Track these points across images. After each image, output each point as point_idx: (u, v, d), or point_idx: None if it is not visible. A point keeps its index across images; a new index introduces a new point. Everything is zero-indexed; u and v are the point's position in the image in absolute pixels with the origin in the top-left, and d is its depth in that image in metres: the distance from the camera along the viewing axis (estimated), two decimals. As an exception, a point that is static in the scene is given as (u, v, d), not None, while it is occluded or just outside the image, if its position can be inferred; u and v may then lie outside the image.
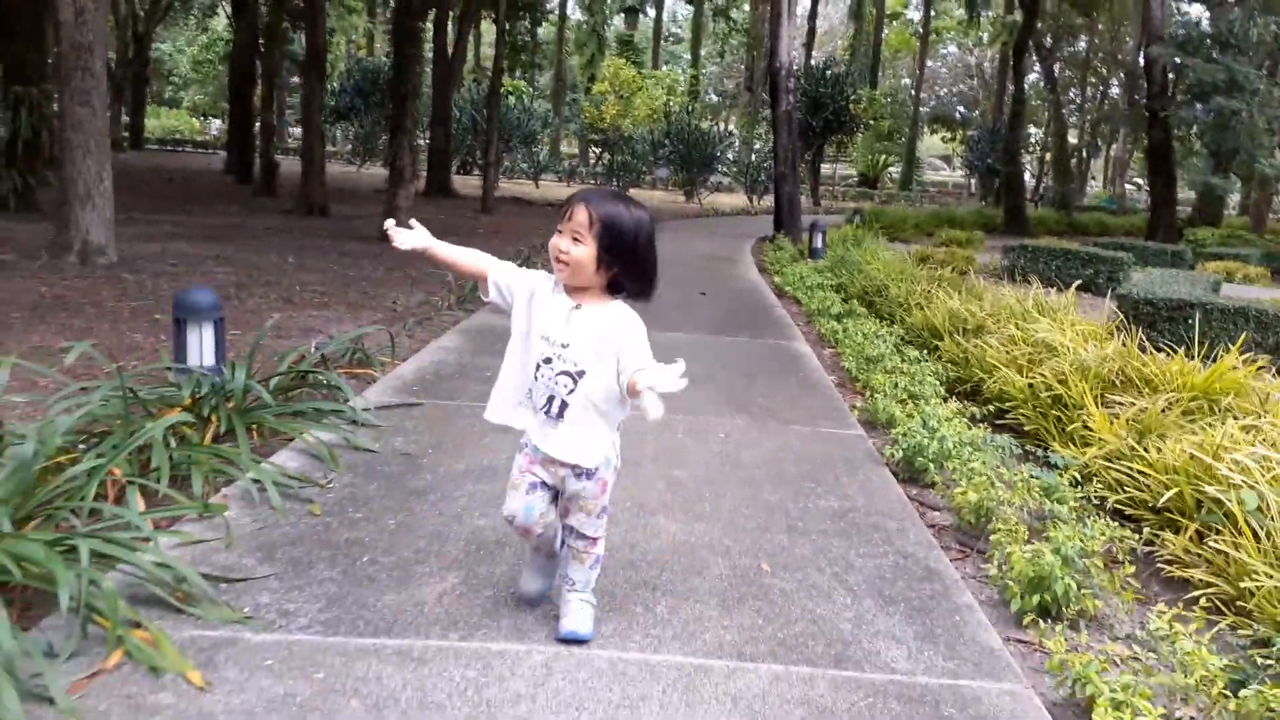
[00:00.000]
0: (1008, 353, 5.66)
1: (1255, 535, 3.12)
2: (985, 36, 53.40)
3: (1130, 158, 44.67)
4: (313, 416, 4.30)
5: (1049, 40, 33.95)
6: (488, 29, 44.36)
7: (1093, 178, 65.37)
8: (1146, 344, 5.40)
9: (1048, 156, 41.82)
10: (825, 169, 57.13)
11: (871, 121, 44.78)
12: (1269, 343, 7.77)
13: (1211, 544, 3.25)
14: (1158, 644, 2.68)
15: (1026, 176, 42.89)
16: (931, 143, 69.77)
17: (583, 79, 55.53)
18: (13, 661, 2.10)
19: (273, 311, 7.42)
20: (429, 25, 21.29)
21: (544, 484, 2.48)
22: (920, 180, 60.96)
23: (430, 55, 23.29)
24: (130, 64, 39.33)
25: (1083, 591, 2.98)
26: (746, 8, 48.85)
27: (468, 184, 30.14)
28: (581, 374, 2.38)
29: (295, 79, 36.43)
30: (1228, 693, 2.37)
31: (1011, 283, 11.73)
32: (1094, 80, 49.94)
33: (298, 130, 39.53)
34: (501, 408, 2.52)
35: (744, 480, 4.12)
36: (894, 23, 62.91)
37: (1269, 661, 2.57)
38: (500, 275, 2.51)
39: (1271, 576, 2.87)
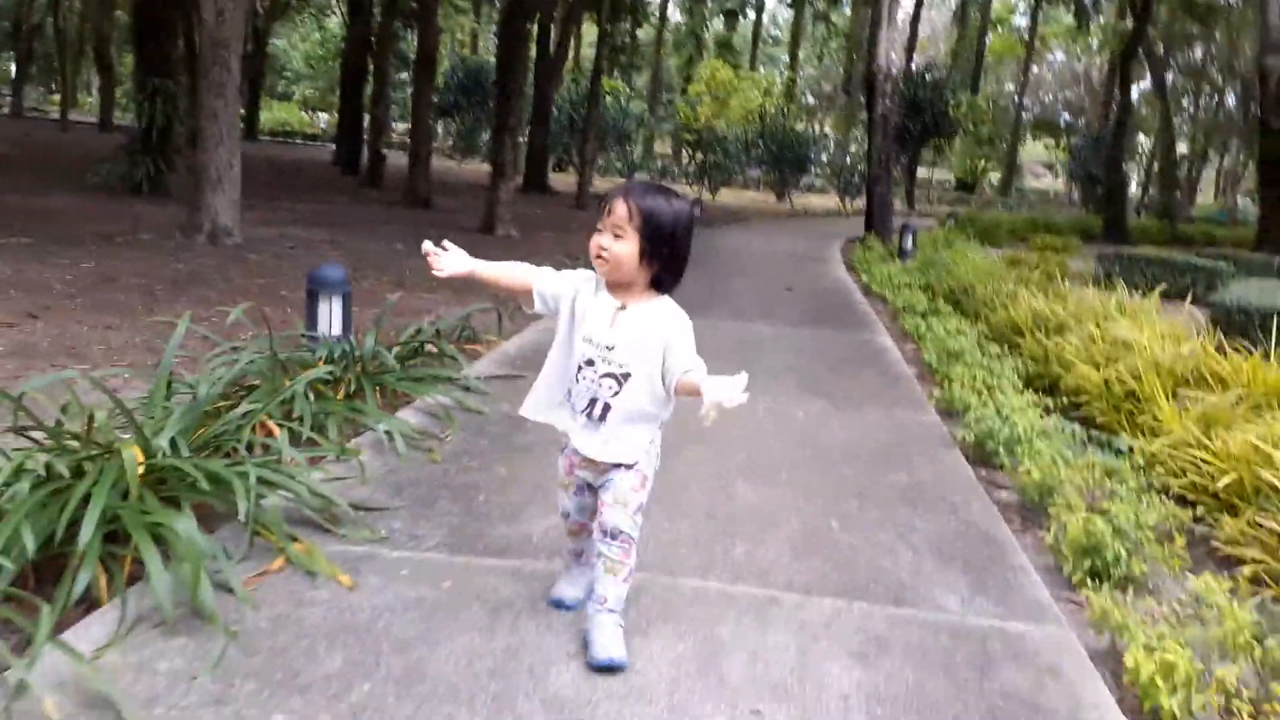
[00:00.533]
0: (1085, 350, 5.83)
1: (1305, 518, 3.31)
2: (1094, 43, 52.14)
3: (1244, 170, 43.09)
4: (429, 382, 4.76)
5: (1160, 48, 33.03)
6: (588, 29, 45.14)
7: (1202, 190, 63.07)
8: (1225, 345, 5.50)
9: (1155, 166, 40.63)
10: (923, 173, 56.42)
11: (971, 127, 44.20)
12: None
13: (1266, 525, 3.45)
14: (1198, 605, 2.92)
15: (1133, 186, 41.83)
16: (1034, 149, 68.23)
17: (679, 80, 55.93)
18: (202, 558, 2.55)
19: (386, 293, 7.97)
20: (533, 26, 21.92)
21: (588, 485, 2.45)
22: (1021, 187, 59.73)
23: (533, 54, 23.97)
24: (249, 58, 41.14)
25: (1132, 560, 3.22)
26: (848, 12, 48.56)
27: (563, 181, 30.81)
28: (627, 376, 2.32)
29: (402, 75, 37.60)
30: (1255, 640, 2.60)
31: (1103, 290, 11.68)
32: (1209, 90, 48.34)
33: (402, 125, 40.89)
34: (539, 406, 2.48)
35: (819, 457, 4.43)
36: (1000, 28, 61.66)
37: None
38: (542, 284, 2.43)
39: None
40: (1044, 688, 2.50)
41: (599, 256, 2.29)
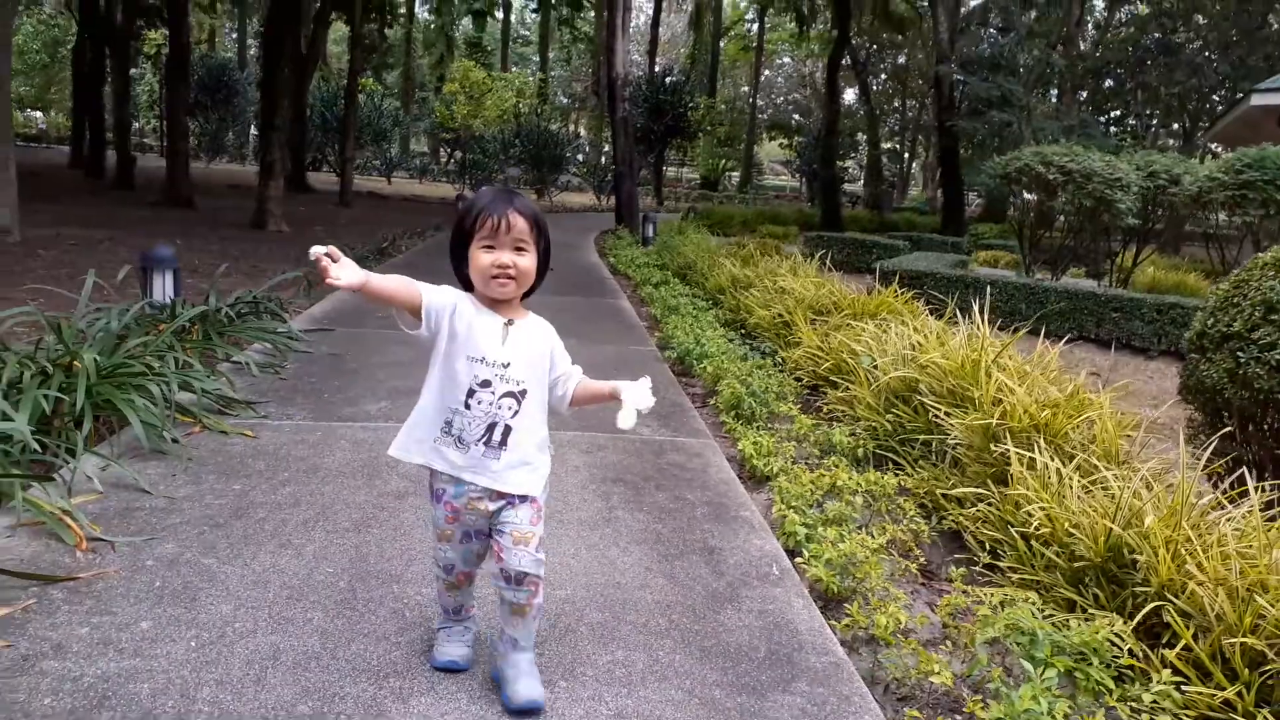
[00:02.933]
0: (763, 298, 7.85)
1: (867, 380, 5.29)
2: (816, 49, 57.48)
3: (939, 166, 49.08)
4: (258, 333, 6.03)
5: (863, 56, 37.45)
6: (334, 28, 44.96)
7: (914, 183, 70.62)
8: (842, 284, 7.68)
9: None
10: (671, 172, 60.05)
11: (709, 127, 47.85)
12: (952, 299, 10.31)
13: (843, 390, 5.43)
14: (789, 425, 4.81)
15: (859, 184, 46.82)
16: (772, 149, 73.62)
17: (431, 79, 56.48)
18: (158, 420, 3.84)
19: (187, 278, 8.93)
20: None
21: (475, 532, 2.25)
22: (762, 185, 64.60)
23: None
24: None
25: (757, 409, 5.09)
26: (591, 16, 51.01)
27: (320, 180, 31.10)
28: (524, 393, 2.19)
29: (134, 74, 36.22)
30: (809, 434, 4.50)
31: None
32: (913, 94, 54.55)
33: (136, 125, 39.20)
34: (413, 446, 2.24)
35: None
36: (731, 33, 66.29)
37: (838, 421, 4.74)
38: (430, 297, 2.17)
39: (866, 398, 5.03)
40: (692, 461, 4.29)
41: (502, 275, 2.14)
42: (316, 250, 1.98)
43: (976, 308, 5.07)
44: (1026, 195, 13.14)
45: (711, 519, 3.63)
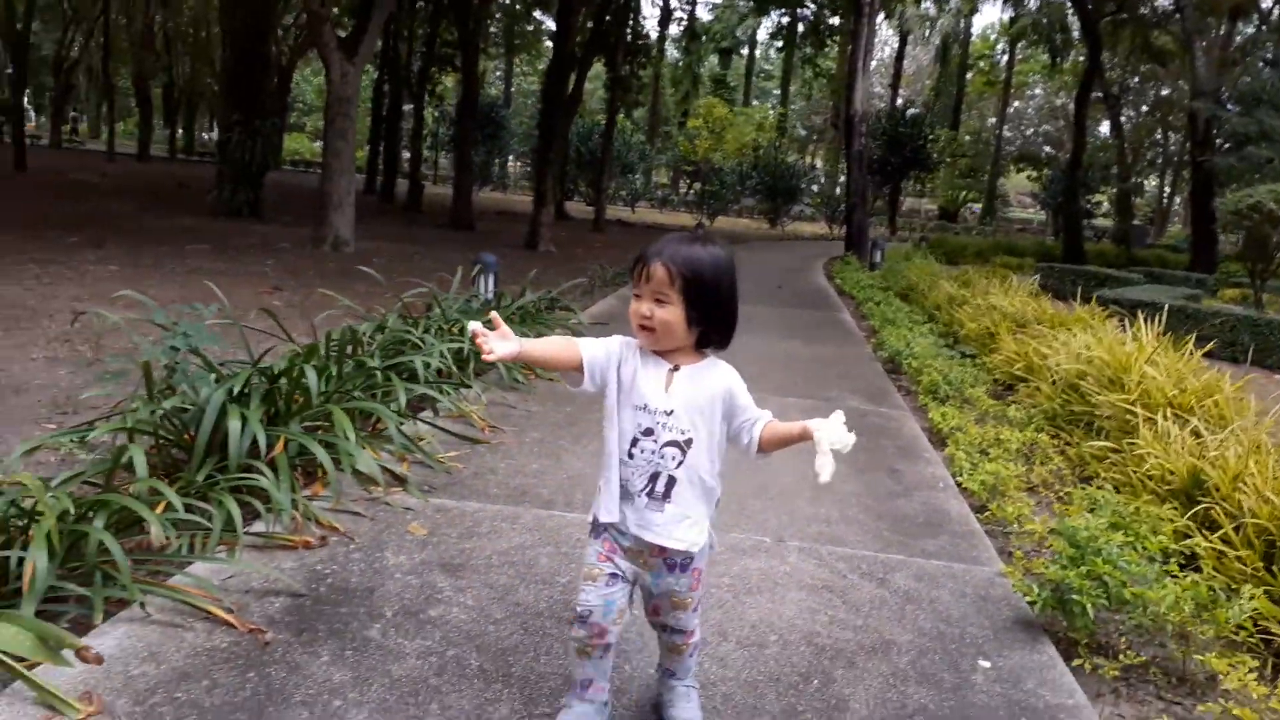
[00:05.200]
0: (974, 314, 8.89)
1: (1047, 373, 6.32)
2: (1069, 80, 55.79)
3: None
4: (557, 321, 7.78)
5: (1116, 89, 36.44)
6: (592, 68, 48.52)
7: (1175, 219, 66.52)
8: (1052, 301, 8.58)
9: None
10: (910, 202, 59.92)
11: (949, 159, 47.71)
12: (1183, 329, 10.79)
13: (1033, 385, 6.48)
14: (976, 408, 5.95)
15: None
16: (1018, 180, 71.51)
17: (676, 114, 59.30)
18: (513, 369, 5.54)
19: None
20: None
21: (624, 577, 2.13)
22: (1006, 217, 63.01)
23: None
24: (276, 94, 44.39)
25: (951, 394, 6.25)
26: (834, 53, 52.06)
27: (574, 208, 33.97)
28: (690, 443, 2.07)
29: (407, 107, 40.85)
30: (990, 411, 5.65)
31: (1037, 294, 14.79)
32: (1173, 128, 51.83)
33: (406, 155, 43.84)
34: (613, 503, 2.12)
35: (800, 362, 7.47)
36: (979, 64, 65.24)
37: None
38: (591, 355, 2.09)
39: (1044, 387, 6.07)
40: (889, 424, 5.56)
41: (644, 327, 2.06)
42: (474, 326, 1.90)
43: (1141, 320, 6.02)
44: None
45: (898, 456, 4.91)
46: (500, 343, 1.93)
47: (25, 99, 38.27)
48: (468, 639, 2.61)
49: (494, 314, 1.96)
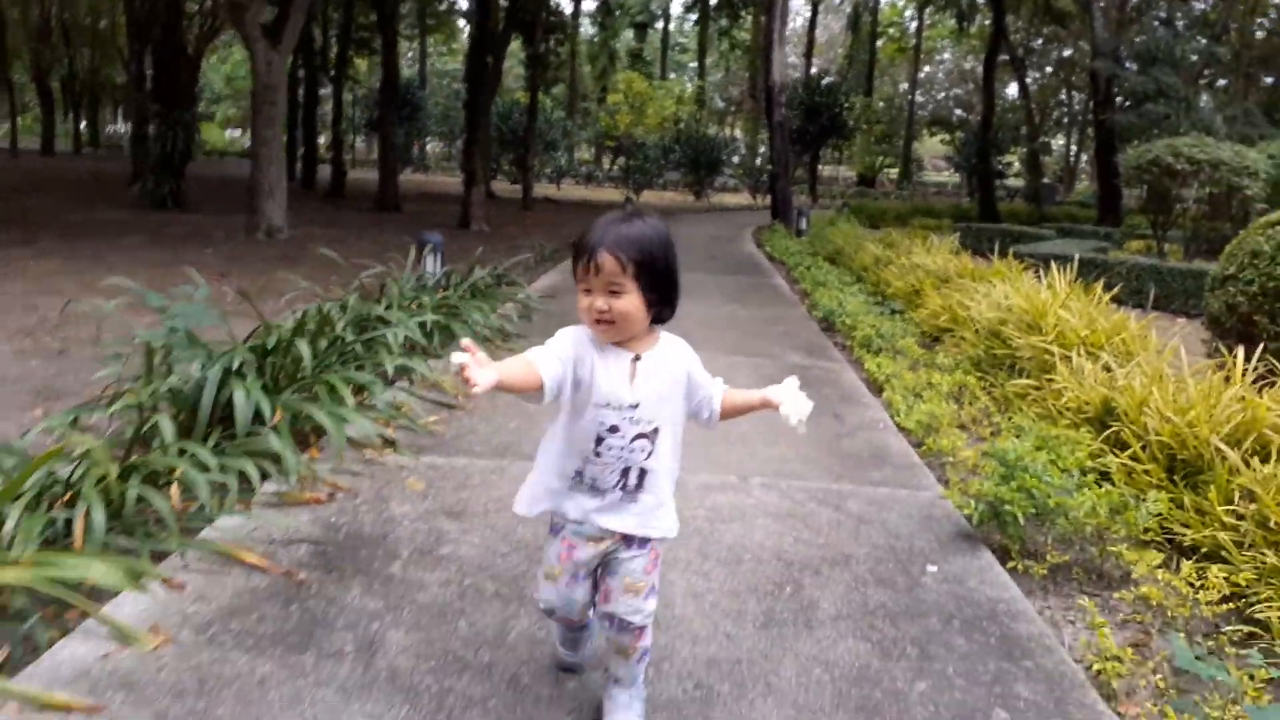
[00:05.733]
0: (900, 273, 9.38)
1: (969, 323, 6.79)
2: (976, 45, 57.20)
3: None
4: (505, 298, 8.03)
5: (1021, 51, 37.61)
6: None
7: (1082, 177, 68.80)
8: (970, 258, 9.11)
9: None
10: (828, 170, 60.93)
11: (865, 126, 48.70)
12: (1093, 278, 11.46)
13: (958, 336, 6.95)
14: (909, 358, 6.40)
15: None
16: (932, 145, 73.03)
17: (595, 89, 59.25)
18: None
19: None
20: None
21: (586, 571, 2.11)
22: (922, 181, 64.48)
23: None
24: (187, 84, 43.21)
25: (884, 345, 6.69)
26: (749, 25, 52.57)
27: (501, 188, 33.93)
28: (656, 432, 2.02)
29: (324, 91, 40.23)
30: (920, 359, 6.09)
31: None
32: (1077, 88, 53.55)
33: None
34: (539, 498, 2.10)
35: (739, 323, 7.86)
36: (889, 32, 66.41)
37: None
38: (549, 372, 1.91)
39: (968, 335, 6.54)
40: (829, 375, 5.98)
41: (600, 320, 1.93)
42: (458, 358, 1.71)
43: (1055, 269, 6.52)
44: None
45: (840, 402, 5.32)
46: (482, 372, 1.71)
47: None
48: (480, 570, 2.92)
49: (466, 340, 1.75)
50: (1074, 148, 58.88)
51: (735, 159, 46.89)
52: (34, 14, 39.99)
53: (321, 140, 44.04)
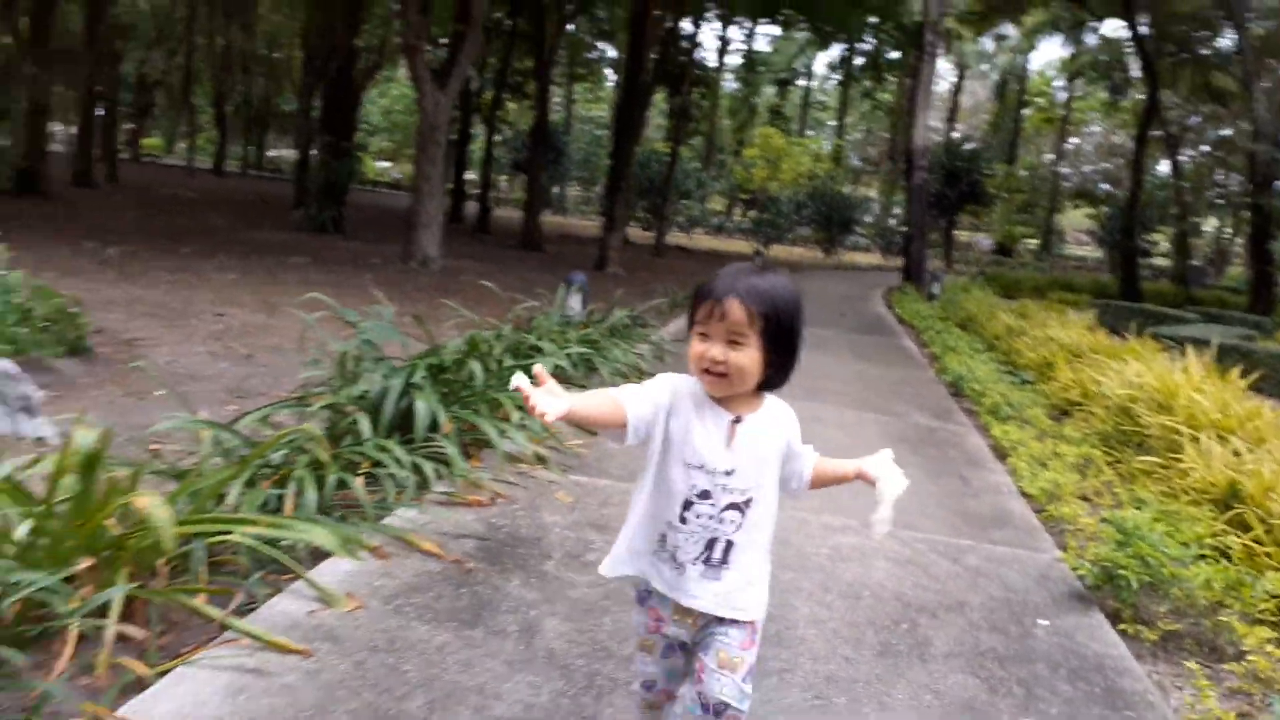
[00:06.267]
0: (1031, 344, 9.40)
1: (1100, 398, 6.82)
2: (1129, 119, 55.73)
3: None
4: (641, 336, 8.43)
5: (1175, 129, 36.53)
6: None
7: (1238, 260, 65.75)
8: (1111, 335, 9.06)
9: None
10: (965, 236, 59.95)
11: (1006, 194, 47.91)
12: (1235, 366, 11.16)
13: (1088, 410, 6.98)
14: (1038, 429, 6.48)
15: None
16: (1076, 217, 71.08)
17: (732, 143, 60.08)
18: (619, 372, 6.19)
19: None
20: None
21: (681, 644, 1.94)
22: (1062, 253, 62.79)
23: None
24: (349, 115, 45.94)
25: (1012, 414, 6.78)
26: (892, 86, 52.60)
27: (633, 234, 34.77)
28: (749, 503, 1.84)
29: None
30: (1049, 430, 6.18)
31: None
32: (1236, 169, 51.46)
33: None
34: (630, 559, 1.92)
35: (864, 382, 8.05)
36: (1038, 99, 65.27)
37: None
38: (636, 411, 1.79)
39: (1099, 410, 6.57)
40: (954, 438, 6.12)
41: (712, 371, 1.78)
42: (518, 381, 1.63)
43: (1191, 352, 6.51)
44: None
45: (965, 464, 5.47)
46: (550, 401, 1.60)
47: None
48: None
49: (538, 367, 1.67)
50: (1229, 230, 56.44)
51: (868, 218, 46.81)
52: (219, 42, 43.28)
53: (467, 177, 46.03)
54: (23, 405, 3.96)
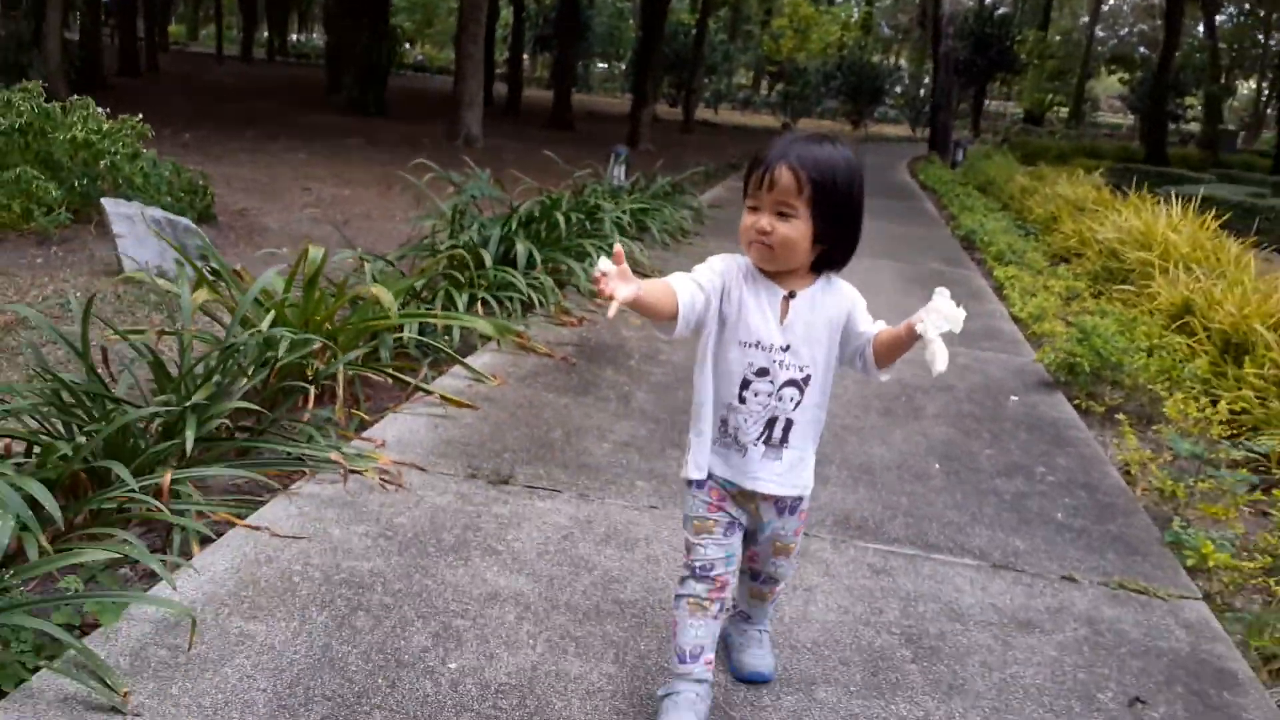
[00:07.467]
0: (1040, 201, 10.17)
1: (1094, 243, 7.66)
2: (1167, -24, 54.05)
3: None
4: (681, 203, 9.29)
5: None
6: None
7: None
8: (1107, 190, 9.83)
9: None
10: (996, 106, 59.19)
11: (1036, 61, 47.17)
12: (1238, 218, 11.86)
13: (1084, 256, 7.82)
14: (1039, 271, 7.36)
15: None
16: (1111, 84, 69.54)
17: (758, 13, 59.00)
18: (668, 231, 7.11)
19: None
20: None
21: (740, 522, 1.88)
22: (1095, 122, 61.81)
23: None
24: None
25: (1013, 257, 7.65)
26: (923, -51, 51.23)
27: (659, 110, 34.99)
28: (808, 380, 1.80)
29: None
30: (1043, 270, 7.07)
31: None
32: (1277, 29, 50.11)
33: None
34: (705, 459, 1.85)
35: (889, 239, 8.93)
36: (1073, -41, 63.17)
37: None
38: (691, 299, 1.72)
39: (1090, 253, 7.43)
40: (962, 278, 7.03)
41: (759, 242, 1.72)
42: (603, 264, 1.56)
43: (1174, 200, 7.32)
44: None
45: (967, 297, 6.40)
46: (623, 285, 1.56)
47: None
48: (686, 369, 4.25)
49: (618, 247, 1.64)
50: (1267, 94, 55.31)
51: (898, 89, 46.44)
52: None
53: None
54: (201, 253, 4.96)
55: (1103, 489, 3.41)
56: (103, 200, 5.36)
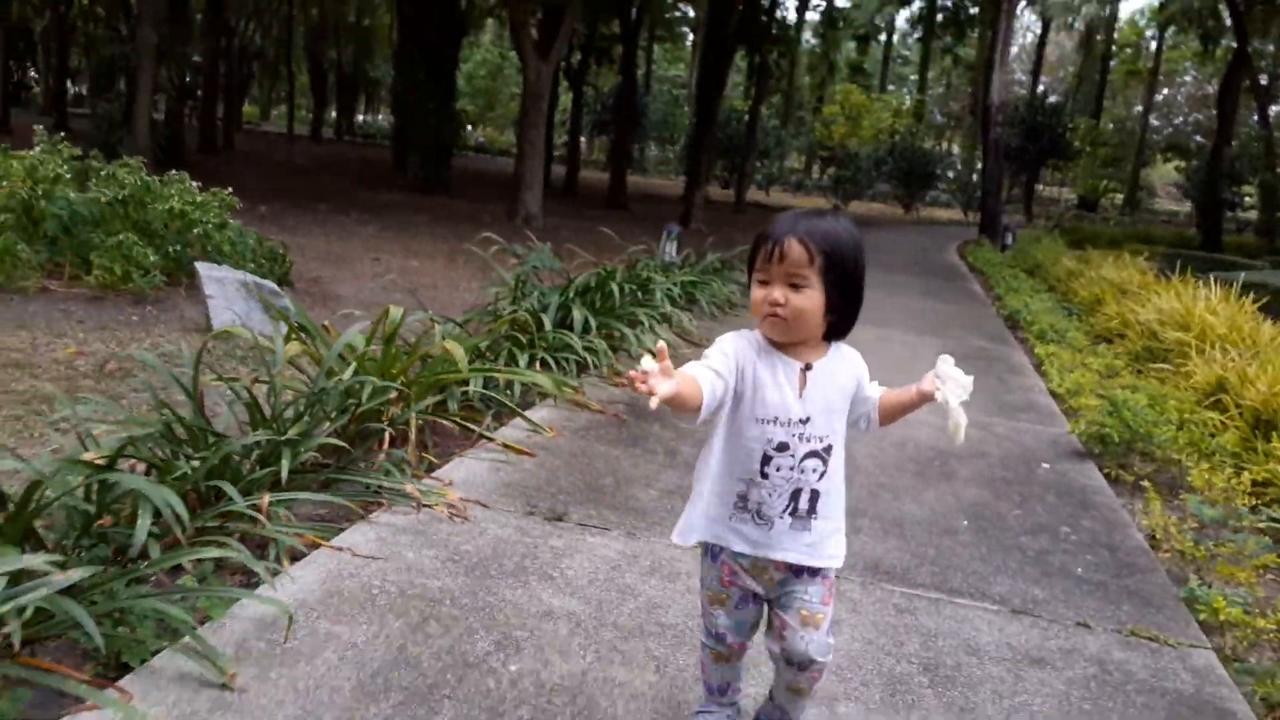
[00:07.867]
0: (1086, 284, 10.35)
1: (1136, 325, 7.82)
2: (1222, 68, 54.29)
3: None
4: (729, 279, 9.62)
5: (1265, 79, 35.96)
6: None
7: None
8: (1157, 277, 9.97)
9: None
10: (1049, 191, 59.39)
11: (1089, 148, 47.49)
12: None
13: (1126, 339, 7.99)
14: (1079, 350, 7.54)
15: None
16: (1165, 172, 69.47)
17: (811, 100, 60.20)
18: (713, 307, 7.43)
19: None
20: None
21: (754, 595, 1.91)
22: (1151, 209, 61.61)
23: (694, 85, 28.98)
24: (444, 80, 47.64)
25: (1058, 337, 7.83)
26: (974, 40, 52.22)
27: (712, 192, 35.77)
28: (829, 450, 1.84)
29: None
30: (1084, 349, 7.25)
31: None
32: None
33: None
34: (705, 524, 1.89)
35: (934, 315, 9.16)
36: (1127, 50, 63.79)
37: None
38: (711, 387, 1.72)
39: (1131, 334, 7.59)
40: (1002, 355, 7.23)
41: (773, 315, 1.77)
42: (647, 364, 1.57)
43: (1214, 284, 7.48)
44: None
45: (1007, 372, 6.60)
46: (664, 382, 1.57)
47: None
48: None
49: (660, 344, 1.65)
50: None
51: (949, 174, 46.90)
52: (314, 13, 45.22)
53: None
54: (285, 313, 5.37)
55: (1124, 549, 3.58)
56: (196, 264, 5.84)
